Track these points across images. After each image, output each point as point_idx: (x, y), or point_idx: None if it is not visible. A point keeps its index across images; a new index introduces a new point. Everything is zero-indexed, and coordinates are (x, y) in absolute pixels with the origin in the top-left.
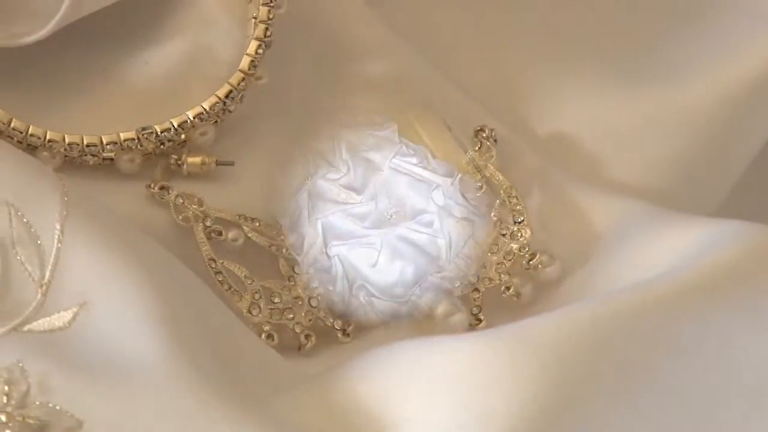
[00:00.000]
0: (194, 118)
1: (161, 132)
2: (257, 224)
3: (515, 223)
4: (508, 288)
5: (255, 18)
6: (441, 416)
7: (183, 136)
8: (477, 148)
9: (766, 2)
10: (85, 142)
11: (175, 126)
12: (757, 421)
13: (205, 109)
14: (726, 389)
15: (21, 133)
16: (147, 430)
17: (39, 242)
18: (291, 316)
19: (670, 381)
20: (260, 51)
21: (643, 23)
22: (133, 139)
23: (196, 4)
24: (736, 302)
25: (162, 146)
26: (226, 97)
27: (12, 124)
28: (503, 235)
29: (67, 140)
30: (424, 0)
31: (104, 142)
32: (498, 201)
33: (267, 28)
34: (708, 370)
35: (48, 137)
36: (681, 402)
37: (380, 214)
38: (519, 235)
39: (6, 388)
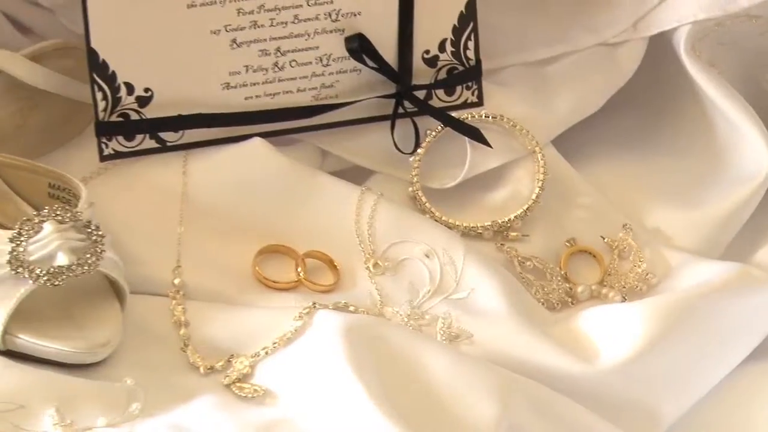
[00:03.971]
0: (513, 218)
1: (500, 223)
2: (537, 259)
3: (640, 261)
4: (636, 287)
5: (538, 179)
6: (614, 336)
7: (509, 225)
8: (624, 232)
9: (737, 169)
10: (470, 225)
11: (506, 220)
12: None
13: (518, 214)
14: (730, 334)
15: (442, 219)
16: (494, 341)
17: (454, 263)
18: (551, 295)
19: (711, 327)
20: (540, 192)
21: (684, 172)
22: (490, 225)
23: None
24: (730, 297)
25: (500, 228)
26: (526, 210)
27: (442, 217)
28: (634, 266)
29: (462, 224)
30: (585, 160)
31: (478, 226)
32: (632, 252)
33: (542, 184)
34: (722, 322)
35: (449, 221)
36: (721, 339)
37: None
38: (642, 266)
39: (443, 320)
